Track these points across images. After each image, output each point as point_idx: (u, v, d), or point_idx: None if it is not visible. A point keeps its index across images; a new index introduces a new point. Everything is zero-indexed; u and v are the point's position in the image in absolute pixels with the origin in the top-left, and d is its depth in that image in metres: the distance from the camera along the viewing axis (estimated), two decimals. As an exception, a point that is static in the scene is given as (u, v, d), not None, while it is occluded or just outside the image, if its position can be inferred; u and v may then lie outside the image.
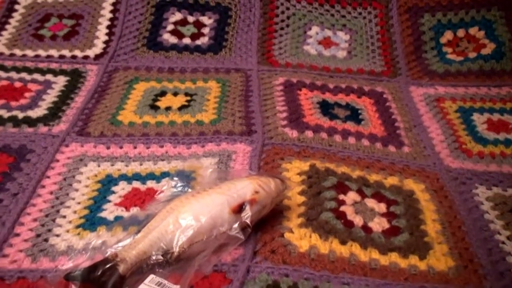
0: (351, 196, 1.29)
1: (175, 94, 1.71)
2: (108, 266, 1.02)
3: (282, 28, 2.02)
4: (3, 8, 2.06)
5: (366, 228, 1.21)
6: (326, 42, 1.98)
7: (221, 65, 1.88)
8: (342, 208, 1.25)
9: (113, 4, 2.05)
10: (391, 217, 1.24)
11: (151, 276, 1.03)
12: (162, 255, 1.06)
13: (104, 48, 1.94)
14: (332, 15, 2.04)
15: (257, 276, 1.07)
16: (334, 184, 1.31)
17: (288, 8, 2.05)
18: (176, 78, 1.80)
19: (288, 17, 2.04)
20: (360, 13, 2.04)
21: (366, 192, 1.31)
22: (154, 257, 1.06)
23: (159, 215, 1.11)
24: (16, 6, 2.07)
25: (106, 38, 1.97)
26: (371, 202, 1.28)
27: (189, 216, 1.09)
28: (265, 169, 1.37)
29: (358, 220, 1.22)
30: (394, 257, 1.14)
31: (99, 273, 1.01)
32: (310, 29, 2.02)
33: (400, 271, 1.11)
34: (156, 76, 1.81)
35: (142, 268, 1.05)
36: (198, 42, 1.99)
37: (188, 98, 1.68)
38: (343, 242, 1.16)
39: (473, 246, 1.18)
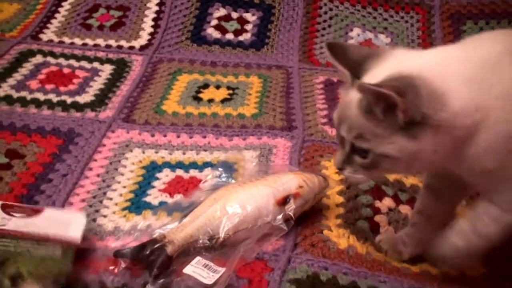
0: (386, 203, 1.31)
1: (218, 87, 1.75)
2: (156, 246, 1.07)
3: (324, 28, 2.05)
4: (53, -3, 2.12)
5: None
6: (367, 44, 2.01)
7: (263, 62, 1.92)
8: (377, 218, 1.27)
9: (160, -3, 2.11)
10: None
11: (198, 258, 1.07)
12: (208, 240, 1.11)
13: (149, 40, 1.99)
14: (374, 17, 2.06)
15: (297, 267, 1.10)
16: (371, 187, 1.34)
17: (331, 9, 2.08)
18: (219, 72, 1.84)
19: (330, 18, 2.07)
20: (402, 17, 2.06)
21: (402, 198, 1.33)
22: (200, 241, 1.10)
23: (206, 201, 1.16)
24: (66, -5, 2.13)
25: (152, 30, 2.02)
26: (405, 209, 1.30)
27: (236, 204, 1.13)
28: (305, 166, 1.41)
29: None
30: (425, 266, 1.16)
31: (147, 252, 1.05)
32: (351, 30, 2.05)
33: (432, 277, 1.13)
34: (199, 69, 1.86)
35: (189, 250, 1.10)
36: (241, 38, 2.03)
37: (230, 91, 1.72)
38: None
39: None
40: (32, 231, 1.06)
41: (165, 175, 1.36)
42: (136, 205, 1.26)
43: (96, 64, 1.84)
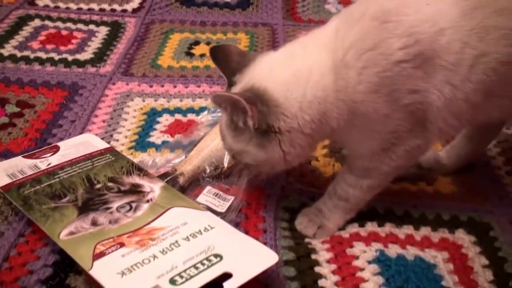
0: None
1: (208, 43, 1.87)
2: (169, 178, 1.20)
3: (305, -12, 2.17)
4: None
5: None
6: (346, 2, 2.13)
7: (249, 20, 2.04)
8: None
9: (148, -36, 2.20)
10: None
11: (208, 187, 1.20)
12: (214, 169, 1.24)
13: (141, 3, 2.10)
14: (352, -23, 2.18)
15: (290, 195, 1.23)
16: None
17: (311, -31, 2.20)
18: (208, 31, 1.96)
19: (311, -23, 2.18)
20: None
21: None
22: (208, 171, 1.23)
23: (208, 136, 1.29)
24: (57, -35, 2.22)
25: (142, -6, 2.13)
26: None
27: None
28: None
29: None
30: (404, 183, 1.30)
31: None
32: (331, -11, 2.17)
33: (410, 193, 1.27)
34: (190, 28, 1.97)
35: (199, 180, 1.23)
36: (228, -1, 2.15)
37: (220, 47, 1.84)
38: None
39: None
40: (73, 157, 1.21)
41: (165, 119, 1.48)
42: (141, 144, 1.38)
43: (92, 26, 1.95)
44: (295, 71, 0.99)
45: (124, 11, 2.07)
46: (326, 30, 1.02)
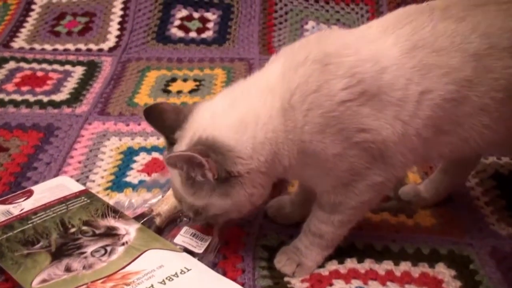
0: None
1: (185, 80, 1.87)
2: (146, 219, 1.18)
3: (280, 23, 2.18)
4: (20, 8, 2.22)
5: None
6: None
7: (225, 55, 2.05)
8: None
9: (124, 3, 2.21)
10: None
11: (185, 228, 1.18)
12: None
13: (117, 42, 2.10)
14: (327, 10, 2.20)
15: (268, 234, 1.22)
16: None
17: (286, 5, 2.21)
18: (185, 67, 1.96)
19: (286, 13, 2.20)
20: (352, 9, 2.20)
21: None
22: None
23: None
24: (33, 6, 2.22)
25: (118, 32, 2.13)
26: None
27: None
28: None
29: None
30: (385, 215, 1.30)
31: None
32: (306, 23, 2.18)
33: (390, 226, 1.27)
34: (166, 65, 1.98)
35: (176, 221, 1.21)
36: (204, 35, 2.15)
37: (197, 83, 1.85)
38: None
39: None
40: (47, 201, 1.19)
41: (142, 158, 1.47)
42: (117, 184, 1.37)
43: (67, 67, 1.94)
44: (240, 115, 0.99)
45: (100, 50, 2.06)
46: (270, 73, 1.03)
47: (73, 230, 1.13)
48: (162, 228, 1.19)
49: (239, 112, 1.00)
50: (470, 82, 1.00)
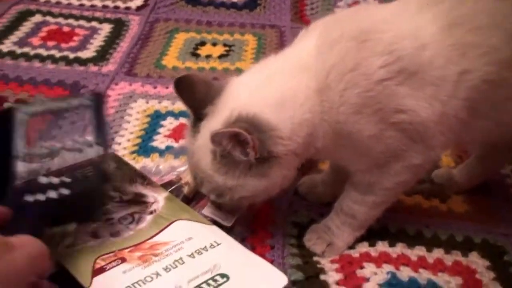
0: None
1: (214, 44, 1.82)
2: (173, 187, 1.15)
3: (314, -10, 2.12)
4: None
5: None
6: (355, 4, 2.08)
7: (256, 21, 1.99)
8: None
9: (154, -40, 2.15)
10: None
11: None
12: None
13: (145, 1, 2.05)
14: (362, -21, 2.13)
15: (298, 210, 1.19)
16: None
17: (321, -29, 2.14)
18: (214, 31, 1.91)
19: (321, -21, 2.13)
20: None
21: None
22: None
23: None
24: (60, -42, 2.16)
25: (147, -9, 2.08)
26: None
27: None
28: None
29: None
30: (418, 198, 1.26)
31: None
32: (340, -8, 2.12)
33: (423, 210, 1.23)
34: (195, 28, 1.92)
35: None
36: (234, -1, 2.10)
37: (227, 48, 1.80)
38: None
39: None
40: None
41: (169, 123, 1.43)
42: (144, 149, 1.34)
43: (94, 23, 1.89)
44: (278, 93, 0.95)
45: (128, 8, 2.01)
46: (303, 50, 0.98)
47: (99, 194, 1.09)
48: (190, 198, 1.15)
49: (277, 90, 0.95)
50: (510, 63, 0.96)
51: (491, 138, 1.08)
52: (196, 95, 1.00)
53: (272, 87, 0.96)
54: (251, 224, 1.12)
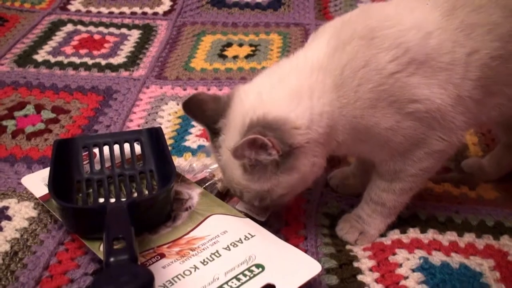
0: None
1: (240, 45, 1.86)
2: (207, 184, 1.18)
3: (337, -14, 2.15)
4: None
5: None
6: (379, 1, 2.09)
7: (281, 20, 2.03)
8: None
9: (178, -35, 2.20)
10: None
11: None
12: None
13: (172, 6, 2.10)
14: (385, -26, 2.14)
15: (328, 201, 1.22)
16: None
17: (344, -32, 2.17)
18: (240, 32, 1.95)
19: (343, -24, 2.16)
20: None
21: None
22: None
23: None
24: (88, -32, 2.23)
25: (173, -4, 2.13)
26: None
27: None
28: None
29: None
30: (447, 186, 1.28)
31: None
32: (364, -13, 2.14)
33: (453, 197, 1.25)
34: (221, 30, 1.96)
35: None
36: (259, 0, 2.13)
37: (253, 48, 1.83)
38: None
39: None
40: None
41: (201, 123, 1.47)
42: (177, 149, 1.38)
43: (124, 30, 1.95)
44: (292, 89, 0.98)
45: (155, 14, 2.07)
46: (316, 51, 1.00)
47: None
48: (224, 194, 1.18)
49: (290, 86, 0.98)
50: None
51: (506, 116, 1.09)
52: (207, 112, 1.03)
53: (286, 85, 0.99)
54: (285, 216, 1.15)
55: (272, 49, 1.82)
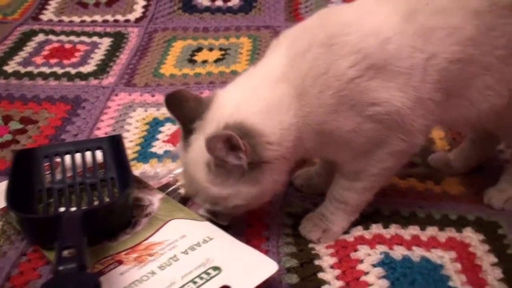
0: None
1: (211, 49, 1.87)
2: (170, 189, 1.19)
3: (308, -12, 2.15)
4: (48, -20, 2.23)
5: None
6: (350, 2, 2.10)
7: (251, 23, 2.03)
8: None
9: (150, -27, 2.21)
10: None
11: None
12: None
13: (143, 12, 2.11)
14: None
15: (293, 201, 1.23)
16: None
17: (314, -31, 2.17)
18: (211, 36, 1.95)
19: (313, -23, 2.16)
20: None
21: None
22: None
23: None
24: (60, -22, 2.23)
25: (145, 3, 2.14)
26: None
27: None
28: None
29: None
30: (412, 181, 1.29)
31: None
32: (333, -12, 2.14)
33: (417, 193, 1.25)
34: (192, 35, 1.97)
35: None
36: (230, 4, 2.15)
37: (223, 52, 1.84)
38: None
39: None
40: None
41: (167, 128, 1.47)
42: (143, 155, 1.38)
43: (95, 38, 1.95)
44: (263, 102, 0.98)
45: (127, 21, 2.07)
46: (278, 61, 1.01)
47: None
48: (187, 198, 1.19)
49: (262, 99, 0.99)
50: (473, 41, 0.99)
51: (468, 119, 1.09)
52: (187, 110, 1.03)
53: (256, 98, 0.99)
54: (248, 218, 1.15)
55: (242, 53, 1.83)
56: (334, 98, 0.97)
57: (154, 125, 1.49)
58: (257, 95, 0.99)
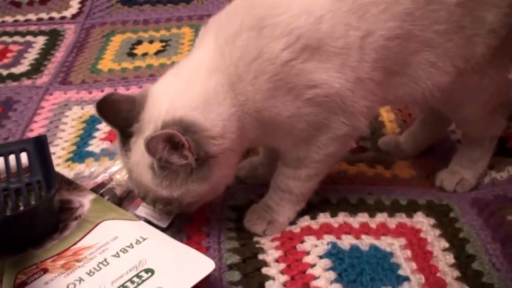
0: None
1: (151, 42, 1.79)
2: (105, 189, 1.11)
3: (251, -25, 2.08)
4: (-21, -20, 2.12)
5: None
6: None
7: (193, 13, 1.96)
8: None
9: (85, -34, 2.11)
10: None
11: None
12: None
13: (80, 8, 2.02)
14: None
15: (236, 193, 1.16)
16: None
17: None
18: (151, 28, 1.88)
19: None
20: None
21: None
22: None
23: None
24: (-8, -23, 2.13)
25: (81, -2, 2.05)
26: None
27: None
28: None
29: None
30: (362, 166, 1.24)
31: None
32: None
33: (367, 178, 1.21)
34: (132, 28, 1.89)
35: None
36: (172, -6, 2.07)
37: (164, 44, 1.77)
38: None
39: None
40: None
41: (105, 126, 1.39)
42: (79, 155, 1.30)
43: (29, 38, 1.86)
44: (199, 95, 0.92)
45: (63, 18, 1.98)
46: (207, 49, 0.95)
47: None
48: (123, 198, 1.11)
49: (198, 91, 0.93)
50: (411, 15, 0.94)
51: (413, 96, 1.03)
52: (121, 113, 0.96)
53: (191, 90, 0.93)
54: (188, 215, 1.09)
55: (183, 43, 1.76)
56: (270, 83, 0.91)
57: (91, 123, 1.41)
58: (192, 87, 0.93)
